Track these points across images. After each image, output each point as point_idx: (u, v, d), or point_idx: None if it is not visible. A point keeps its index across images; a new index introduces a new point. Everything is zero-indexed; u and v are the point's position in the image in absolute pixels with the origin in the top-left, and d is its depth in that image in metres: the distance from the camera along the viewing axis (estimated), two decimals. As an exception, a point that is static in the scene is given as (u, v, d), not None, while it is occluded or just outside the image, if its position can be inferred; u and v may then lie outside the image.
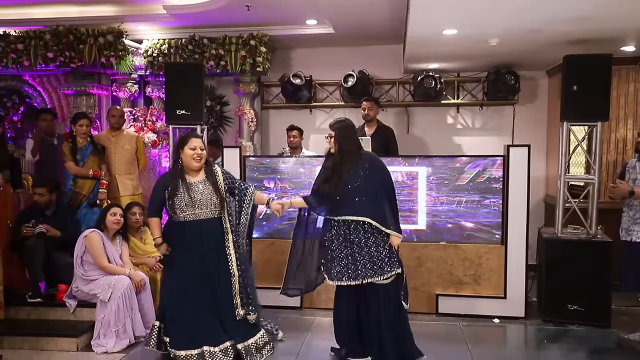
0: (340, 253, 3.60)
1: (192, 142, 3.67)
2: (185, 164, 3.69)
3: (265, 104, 6.97)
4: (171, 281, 3.76)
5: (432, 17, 4.27)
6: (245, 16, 5.52)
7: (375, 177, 3.57)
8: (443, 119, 6.76)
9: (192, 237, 3.65)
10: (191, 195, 3.60)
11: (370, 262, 3.53)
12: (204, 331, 3.62)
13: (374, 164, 3.62)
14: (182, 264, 3.67)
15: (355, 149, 3.65)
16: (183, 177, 3.66)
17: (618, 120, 5.78)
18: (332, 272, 3.61)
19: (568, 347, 4.17)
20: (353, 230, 3.57)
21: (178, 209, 3.61)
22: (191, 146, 3.66)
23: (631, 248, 4.27)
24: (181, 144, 3.71)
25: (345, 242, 3.58)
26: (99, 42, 5.84)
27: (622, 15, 4.19)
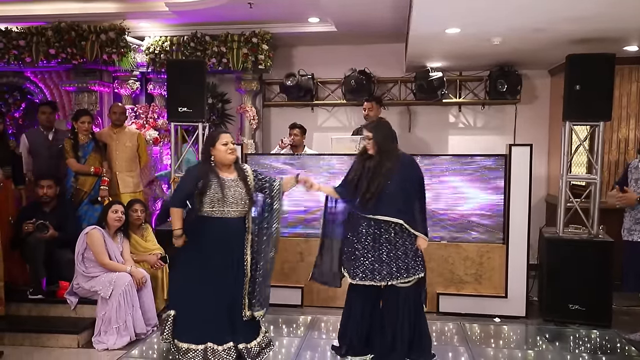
0: (367, 252, 3.55)
1: (222, 138, 3.64)
2: (218, 160, 3.63)
3: (266, 101, 6.96)
4: (187, 273, 3.68)
5: (435, 15, 4.26)
6: (247, 13, 5.51)
7: (408, 177, 3.54)
8: (445, 118, 6.75)
9: (216, 234, 3.61)
10: (224, 192, 3.56)
11: (396, 264, 3.51)
12: (212, 328, 3.60)
13: (408, 164, 3.60)
14: (201, 258, 3.63)
15: (393, 148, 3.60)
16: (216, 173, 3.62)
17: (620, 120, 5.77)
18: (357, 272, 3.55)
19: (569, 347, 4.17)
20: (384, 230, 3.54)
21: (208, 204, 3.55)
22: (223, 142, 3.62)
23: (633, 248, 4.26)
24: (211, 141, 3.66)
25: (374, 242, 3.54)
26: (101, 39, 5.84)
27: (625, 15, 4.18)
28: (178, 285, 3.76)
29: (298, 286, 5.10)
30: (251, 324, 3.78)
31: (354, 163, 3.74)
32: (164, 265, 4.70)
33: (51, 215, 4.78)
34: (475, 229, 4.89)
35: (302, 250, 5.11)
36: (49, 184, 4.80)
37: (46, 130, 5.44)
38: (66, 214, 4.90)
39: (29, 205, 4.93)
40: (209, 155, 3.65)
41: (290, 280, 5.11)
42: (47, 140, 5.41)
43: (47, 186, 4.79)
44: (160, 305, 4.65)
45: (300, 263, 5.12)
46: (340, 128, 6.81)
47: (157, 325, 4.43)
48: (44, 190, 4.78)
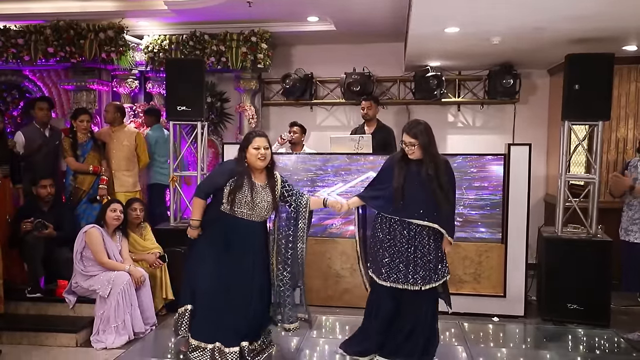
0: (401, 255, 3.52)
1: (255, 142, 3.57)
2: (250, 163, 3.59)
3: (265, 100, 6.96)
4: (206, 270, 3.63)
5: (435, 14, 4.26)
6: (246, 12, 5.50)
7: (445, 181, 3.47)
8: (444, 118, 6.75)
9: (238, 235, 3.60)
10: (253, 197, 3.54)
11: (428, 267, 3.51)
12: (223, 329, 3.58)
13: (445, 167, 3.53)
14: (222, 257, 3.61)
15: (437, 151, 3.54)
16: (250, 176, 3.58)
17: (619, 119, 5.77)
18: (390, 274, 3.53)
19: (567, 346, 4.18)
20: (417, 234, 3.51)
21: (237, 204, 3.52)
22: (255, 145, 3.57)
23: (630, 248, 4.28)
24: (245, 143, 3.62)
25: (408, 246, 3.51)
26: (100, 38, 5.83)
27: (625, 14, 4.18)
28: (195, 280, 3.67)
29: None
30: (261, 323, 3.76)
31: (389, 169, 3.61)
32: (163, 264, 4.68)
33: (49, 214, 4.78)
34: (474, 228, 4.89)
35: (301, 249, 5.10)
36: (50, 183, 4.79)
37: (42, 126, 5.40)
38: (63, 212, 4.89)
39: (27, 204, 4.92)
40: (244, 156, 3.60)
41: (289, 280, 5.10)
42: (45, 137, 5.39)
43: (49, 185, 4.78)
44: (158, 305, 4.64)
45: (299, 262, 5.11)
46: (339, 127, 6.81)
47: (155, 325, 4.43)
48: (47, 190, 4.78)
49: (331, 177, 5.09)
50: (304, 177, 5.12)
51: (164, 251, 4.75)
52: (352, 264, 5.03)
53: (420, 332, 3.58)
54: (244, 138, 3.72)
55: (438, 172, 3.45)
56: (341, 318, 4.72)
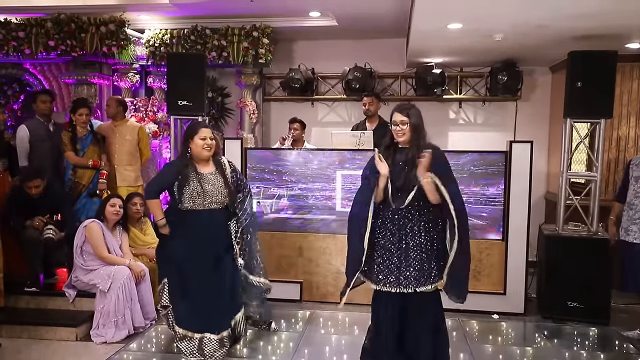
0: (392, 256, 3.14)
1: (202, 132, 3.62)
2: (195, 154, 3.63)
3: (266, 96, 6.94)
4: (179, 266, 3.68)
5: (437, 10, 4.24)
6: (248, 7, 5.48)
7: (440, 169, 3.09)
8: (445, 114, 6.73)
9: (199, 226, 3.63)
10: (203, 186, 3.58)
11: (422, 267, 3.10)
12: (207, 319, 3.65)
13: (438, 153, 3.18)
14: (187, 251, 3.65)
15: (426, 136, 3.21)
16: (195, 168, 3.62)
17: (620, 117, 5.75)
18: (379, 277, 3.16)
19: (567, 344, 4.17)
20: (410, 231, 3.12)
21: (189, 198, 3.56)
22: (201, 136, 3.61)
23: (629, 248, 4.25)
24: (190, 133, 3.66)
25: (400, 244, 3.13)
26: (101, 31, 5.80)
27: (628, 12, 4.16)
28: (171, 277, 3.73)
29: (297, 281, 5.10)
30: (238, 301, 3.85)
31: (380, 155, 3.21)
32: (163, 259, 4.68)
33: (40, 203, 4.68)
34: (475, 225, 4.88)
35: (301, 245, 5.11)
36: (36, 184, 4.66)
37: (45, 120, 5.38)
38: (56, 198, 4.82)
39: (15, 193, 4.76)
40: (187, 148, 3.65)
41: (289, 275, 5.11)
42: (49, 131, 5.36)
43: (34, 186, 4.65)
44: (158, 299, 4.64)
45: (299, 258, 5.11)
46: (340, 123, 6.79)
47: (155, 319, 4.43)
48: (33, 191, 4.65)
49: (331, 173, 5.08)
50: (305, 172, 5.11)
51: (164, 246, 4.74)
52: (352, 260, 5.02)
53: (426, 343, 3.18)
54: (189, 128, 3.75)
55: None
56: (341, 314, 4.72)
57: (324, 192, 5.11)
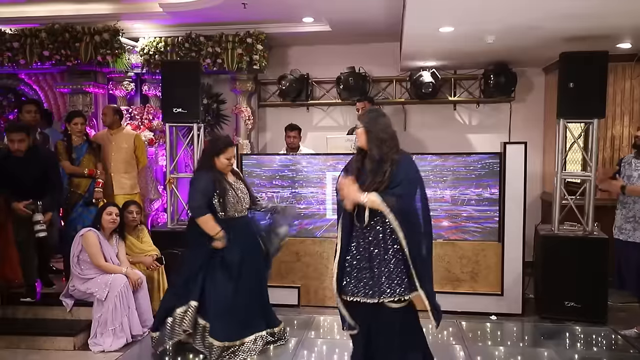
0: (359, 265, 3.07)
1: (229, 152, 3.84)
2: (219, 168, 3.85)
3: (262, 102, 6.96)
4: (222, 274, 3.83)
5: (429, 14, 4.26)
6: (241, 14, 5.51)
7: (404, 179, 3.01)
8: (440, 117, 6.75)
9: (239, 231, 3.86)
10: (237, 194, 3.86)
11: (387, 279, 3.00)
12: (248, 322, 3.89)
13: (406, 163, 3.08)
14: (235, 257, 3.83)
15: (390, 143, 3.05)
16: (225, 178, 3.88)
17: (614, 117, 5.79)
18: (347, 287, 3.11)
19: (565, 344, 4.18)
20: (375, 239, 3.04)
21: (230, 206, 3.80)
22: (227, 156, 3.83)
23: (623, 246, 4.25)
24: (217, 151, 3.83)
25: (365, 253, 3.06)
26: (95, 40, 5.83)
27: (619, 13, 4.18)
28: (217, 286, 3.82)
29: (295, 286, 5.11)
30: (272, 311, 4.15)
31: (348, 164, 3.23)
32: (160, 266, 4.69)
33: (23, 160, 4.45)
34: (471, 227, 4.90)
35: (297, 250, 5.12)
36: (19, 138, 4.37)
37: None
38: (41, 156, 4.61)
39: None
40: (213, 163, 3.83)
41: (286, 280, 5.11)
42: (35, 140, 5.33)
43: (18, 140, 4.38)
44: (156, 307, 4.63)
45: (296, 263, 5.13)
46: (335, 127, 6.81)
47: (153, 327, 4.43)
48: (16, 146, 4.39)
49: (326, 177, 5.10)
50: (300, 178, 5.13)
51: (161, 253, 4.75)
52: (349, 264, 5.04)
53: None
54: (214, 146, 3.90)
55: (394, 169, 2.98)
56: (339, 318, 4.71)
57: (319, 197, 5.13)
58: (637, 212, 4.12)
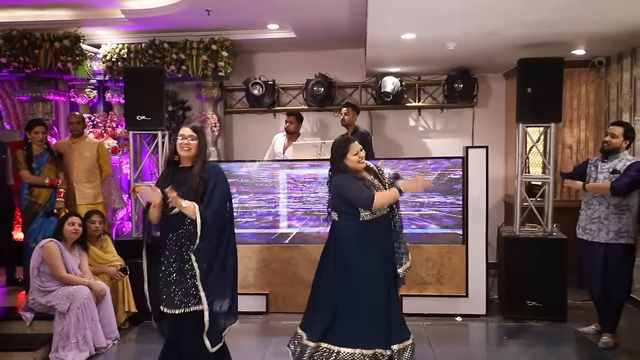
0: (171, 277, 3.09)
1: (353, 148, 3.51)
2: (352, 169, 3.53)
3: (228, 108, 6.93)
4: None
5: (391, 21, 4.33)
6: (206, 20, 5.49)
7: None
8: (405, 122, 6.84)
9: (374, 234, 3.56)
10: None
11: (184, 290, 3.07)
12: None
13: (219, 174, 3.17)
14: (365, 263, 3.53)
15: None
16: (364, 177, 3.55)
17: (572, 121, 5.96)
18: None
19: (527, 343, 4.29)
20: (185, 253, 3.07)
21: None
22: (354, 152, 3.50)
23: (587, 246, 4.32)
24: (342, 153, 3.52)
25: (175, 266, 3.09)
26: (55, 47, 5.71)
27: (572, 21, 4.33)
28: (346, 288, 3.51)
29: (263, 293, 5.09)
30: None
31: (161, 176, 3.29)
32: (125, 276, 4.62)
33: None
34: (436, 230, 4.98)
35: (265, 256, 5.10)
36: None
37: None
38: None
39: None
40: (345, 166, 3.51)
41: (254, 287, 5.09)
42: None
43: None
44: (121, 318, 4.57)
45: (264, 269, 5.11)
46: (303, 133, 6.78)
47: (118, 339, 4.35)
48: None
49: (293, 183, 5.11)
50: (267, 184, 5.13)
51: (125, 263, 4.68)
52: (317, 270, 5.05)
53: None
54: (337, 149, 3.54)
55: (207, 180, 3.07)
56: (307, 324, 4.72)
57: (286, 203, 5.13)
58: (602, 213, 4.19)
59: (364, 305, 3.46)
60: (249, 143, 6.78)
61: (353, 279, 3.48)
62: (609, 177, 4.13)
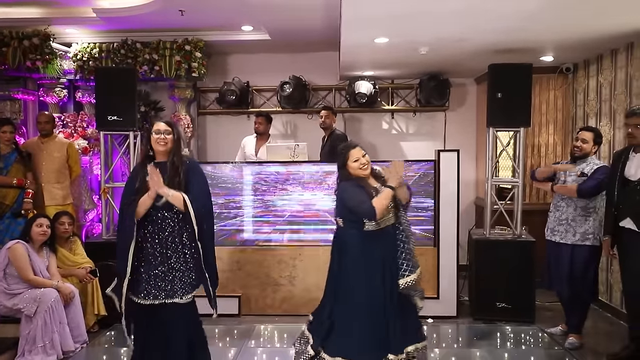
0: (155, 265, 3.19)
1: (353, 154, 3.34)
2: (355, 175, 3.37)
3: (201, 109, 6.89)
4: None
5: (364, 25, 4.36)
6: (179, 21, 5.45)
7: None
8: (378, 125, 6.90)
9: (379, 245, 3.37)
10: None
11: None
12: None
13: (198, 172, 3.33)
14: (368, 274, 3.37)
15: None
16: (368, 183, 3.41)
17: (540, 125, 6.10)
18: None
19: (496, 344, 4.37)
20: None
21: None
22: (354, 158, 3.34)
23: (555, 248, 4.40)
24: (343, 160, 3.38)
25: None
26: (24, 45, 5.60)
27: (539, 28, 4.43)
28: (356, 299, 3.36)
29: (235, 295, 5.06)
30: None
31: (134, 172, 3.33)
32: (94, 279, 4.54)
33: None
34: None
35: (238, 259, 5.09)
36: None
37: None
38: None
39: None
40: (348, 173, 3.37)
41: (227, 290, 5.06)
42: None
43: None
44: (90, 321, 4.50)
45: (237, 272, 5.09)
46: (276, 135, 6.82)
47: (86, 342, 4.29)
48: None
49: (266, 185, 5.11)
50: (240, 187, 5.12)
51: (95, 265, 4.61)
52: (290, 272, 5.06)
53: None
54: (339, 155, 3.44)
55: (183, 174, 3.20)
56: (280, 326, 4.73)
57: (259, 204, 5.13)
58: (570, 215, 4.27)
59: (360, 316, 3.31)
60: (223, 144, 6.74)
61: (353, 289, 3.34)
62: (577, 180, 4.23)
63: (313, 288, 4.97)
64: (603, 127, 5.20)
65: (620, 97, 5.00)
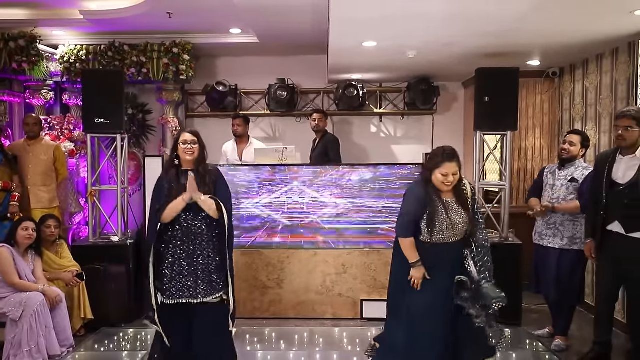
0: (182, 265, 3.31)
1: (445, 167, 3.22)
2: (436, 185, 3.24)
3: (189, 112, 6.87)
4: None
5: (352, 28, 4.38)
6: (167, 23, 5.43)
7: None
8: (367, 128, 6.93)
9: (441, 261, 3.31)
10: (450, 218, 3.20)
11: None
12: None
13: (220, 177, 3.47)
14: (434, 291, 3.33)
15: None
16: (440, 197, 3.24)
17: (527, 129, 6.16)
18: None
19: (483, 346, 4.38)
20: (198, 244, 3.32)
21: (437, 230, 3.20)
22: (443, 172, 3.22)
23: (543, 251, 4.43)
24: (433, 165, 3.27)
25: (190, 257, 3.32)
26: (10, 47, 5.55)
27: (526, 32, 4.48)
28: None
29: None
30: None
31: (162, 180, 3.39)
32: (81, 282, 4.51)
33: None
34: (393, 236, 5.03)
35: (226, 262, 5.07)
36: None
37: None
38: None
39: None
40: (430, 177, 3.25)
41: (214, 293, 5.04)
42: None
43: None
44: (76, 325, 4.46)
45: (224, 275, 5.07)
46: (265, 138, 6.83)
47: (73, 346, 4.25)
48: None
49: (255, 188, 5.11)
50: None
51: (82, 269, 4.57)
52: (278, 275, 5.05)
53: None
54: (432, 157, 3.35)
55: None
56: (268, 329, 4.72)
57: (246, 207, 5.12)
58: (558, 220, 4.31)
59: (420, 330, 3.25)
60: (211, 147, 6.55)
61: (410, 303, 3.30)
62: (567, 185, 4.27)
63: (301, 291, 4.97)
64: (589, 131, 5.26)
65: (606, 101, 5.06)
